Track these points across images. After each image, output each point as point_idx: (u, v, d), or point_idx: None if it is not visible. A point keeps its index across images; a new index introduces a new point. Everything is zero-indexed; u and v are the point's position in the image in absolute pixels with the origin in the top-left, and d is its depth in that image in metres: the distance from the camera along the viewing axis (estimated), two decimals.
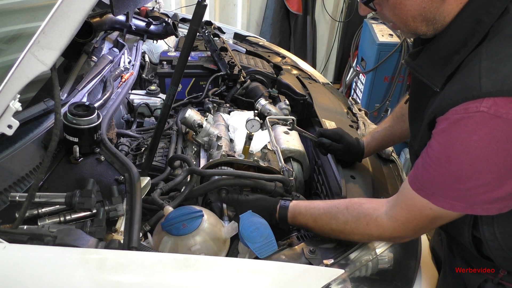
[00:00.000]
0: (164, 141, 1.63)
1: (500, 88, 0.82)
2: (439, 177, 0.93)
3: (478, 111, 0.83)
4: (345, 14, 4.37)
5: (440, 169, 0.92)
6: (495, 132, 0.83)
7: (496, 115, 0.82)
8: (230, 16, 4.20)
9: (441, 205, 0.94)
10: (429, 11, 0.93)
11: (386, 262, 1.15)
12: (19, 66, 0.91)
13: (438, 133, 0.92)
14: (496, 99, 0.82)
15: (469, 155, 0.87)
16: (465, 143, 0.87)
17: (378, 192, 1.39)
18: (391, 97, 3.42)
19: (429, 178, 0.95)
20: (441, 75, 0.95)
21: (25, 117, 1.22)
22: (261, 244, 1.06)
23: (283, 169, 1.40)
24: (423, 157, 0.97)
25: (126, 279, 0.92)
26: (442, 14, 0.93)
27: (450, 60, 0.93)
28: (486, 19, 0.89)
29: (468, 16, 0.91)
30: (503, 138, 0.83)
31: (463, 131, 0.86)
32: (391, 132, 1.49)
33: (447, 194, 0.93)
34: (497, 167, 0.86)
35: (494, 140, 0.84)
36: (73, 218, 1.09)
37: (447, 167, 0.91)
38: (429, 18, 0.94)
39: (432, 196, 0.95)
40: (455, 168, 0.90)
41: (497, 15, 0.89)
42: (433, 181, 0.95)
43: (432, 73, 0.97)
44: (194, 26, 1.23)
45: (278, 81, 2.11)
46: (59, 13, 0.91)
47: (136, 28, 2.19)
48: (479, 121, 0.84)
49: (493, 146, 0.84)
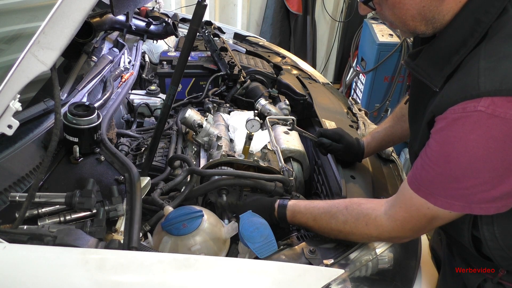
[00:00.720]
0: (164, 141, 1.63)
1: (498, 88, 0.82)
2: (437, 177, 0.93)
3: (476, 111, 0.83)
4: (345, 14, 4.37)
5: (438, 168, 0.92)
6: (493, 131, 0.83)
7: (494, 114, 0.82)
8: (230, 16, 4.20)
9: (439, 205, 0.95)
10: (428, 10, 0.93)
11: (386, 262, 1.15)
12: (19, 66, 0.91)
13: (436, 132, 0.92)
14: (494, 98, 0.82)
15: (466, 154, 0.87)
16: (462, 142, 0.87)
17: (378, 192, 1.39)
18: (391, 97, 3.42)
19: (427, 178, 0.95)
20: (441, 75, 0.95)
21: (25, 117, 1.22)
22: (261, 244, 1.06)
23: (283, 169, 1.40)
24: (422, 156, 0.97)
25: (126, 279, 0.92)
26: (441, 13, 0.93)
27: (450, 60, 0.93)
28: (485, 19, 0.89)
29: (467, 15, 0.91)
30: (501, 137, 0.83)
31: (461, 130, 0.86)
32: (391, 132, 1.49)
33: (444, 193, 0.93)
34: (494, 166, 0.86)
35: (491, 139, 0.84)
36: (73, 218, 1.09)
37: (445, 166, 0.91)
38: (428, 17, 0.94)
39: (430, 195, 0.95)
40: (453, 167, 0.90)
41: (496, 15, 0.89)
42: (431, 181, 0.95)
43: (432, 73, 0.97)
44: (194, 26, 1.23)
45: (278, 81, 2.11)
46: (59, 13, 0.91)
47: (136, 28, 2.19)
48: (477, 121, 0.84)
49: (491, 145, 0.84)
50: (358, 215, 1.08)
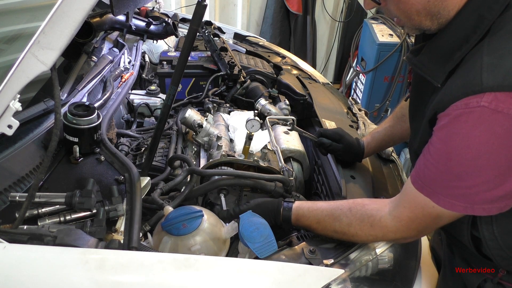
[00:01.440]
0: (164, 141, 1.63)
1: (501, 83, 0.81)
2: (439, 174, 0.93)
3: (478, 106, 0.83)
4: (345, 14, 4.37)
5: (440, 165, 0.92)
6: (496, 127, 0.83)
7: (496, 110, 0.82)
8: (230, 16, 4.20)
9: (441, 204, 0.94)
10: (433, 5, 0.92)
11: (386, 262, 1.15)
12: (19, 66, 0.91)
13: (439, 129, 0.92)
14: (497, 94, 0.82)
15: (469, 151, 0.86)
16: (465, 139, 0.86)
17: (378, 192, 1.39)
18: (391, 97, 3.42)
19: (430, 176, 0.95)
20: (443, 71, 0.94)
21: (25, 117, 1.22)
22: (261, 244, 1.06)
23: (283, 169, 1.40)
24: (425, 154, 0.96)
25: (126, 279, 0.92)
26: (446, 8, 0.93)
27: (452, 56, 0.93)
28: (488, 15, 0.89)
29: (471, 12, 0.91)
30: (504, 134, 0.83)
31: (463, 126, 0.86)
32: (391, 132, 1.49)
33: (447, 192, 0.93)
34: (498, 163, 0.86)
35: (494, 135, 0.83)
36: (73, 218, 1.09)
37: (448, 163, 0.91)
38: (434, 12, 0.93)
39: (433, 194, 0.95)
40: (456, 164, 0.89)
41: (499, 12, 0.89)
42: (434, 179, 0.94)
43: (434, 69, 0.96)
44: (194, 26, 1.23)
45: (278, 81, 2.11)
46: (59, 13, 0.91)
47: (136, 28, 2.19)
48: (480, 116, 0.83)
49: (494, 142, 0.84)
50: (363, 217, 1.07)
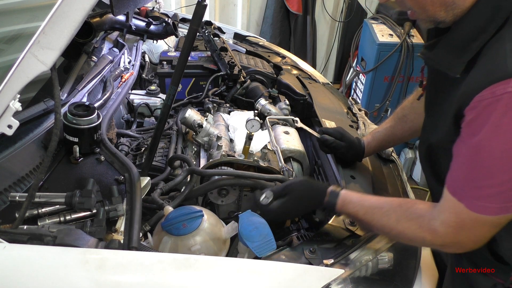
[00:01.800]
0: (164, 141, 1.63)
1: None
2: (469, 173, 0.88)
3: (506, 92, 0.79)
4: (345, 14, 4.37)
5: (470, 162, 0.87)
6: None
7: None
8: (230, 16, 4.20)
9: (472, 209, 0.88)
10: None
11: (386, 262, 1.15)
12: (19, 66, 0.91)
13: (466, 125, 0.87)
14: None
15: (500, 141, 0.81)
16: (495, 128, 0.81)
17: (378, 192, 1.39)
18: (391, 97, 3.42)
19: (460, 177, 0.90)
20: (460, 62, 0.91)
21: (25, 117, 1.22)
22: (260, 243, 1.06)
23: (283, 169, 1.40)
24: (455, 155, 0.92)
25: (126, 279, 0.92)
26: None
27: (469, 46, 0.90)
28: (506, 4, 0.86)
29: (487, 2, 0.88)
30: None
31: (492, 115, 0.81)
32: (392, 132, 1.48)
33: (478, 194, 0.87)
34: None
35: None
36: (73, 218, 1.09)
37: (477, 157, 0.85)
38: (448, 2, 0.91)
39: (465, 198, 0.89)
40: (486, 157, 0.84)
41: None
42: (464, 180, 0.89)
43: (450, 61, 0.93)
44: (194, 26, 1.23)
45: (278, 81, 2.11)
46: (59, 13, 0.92)
47: (136, 28, 2.19)
48: (508, 102, 0.79)
49: None
50: (412, 216, 1.02)
